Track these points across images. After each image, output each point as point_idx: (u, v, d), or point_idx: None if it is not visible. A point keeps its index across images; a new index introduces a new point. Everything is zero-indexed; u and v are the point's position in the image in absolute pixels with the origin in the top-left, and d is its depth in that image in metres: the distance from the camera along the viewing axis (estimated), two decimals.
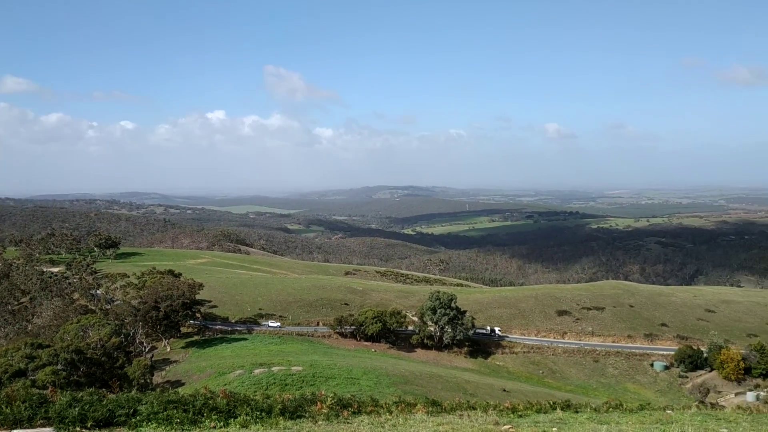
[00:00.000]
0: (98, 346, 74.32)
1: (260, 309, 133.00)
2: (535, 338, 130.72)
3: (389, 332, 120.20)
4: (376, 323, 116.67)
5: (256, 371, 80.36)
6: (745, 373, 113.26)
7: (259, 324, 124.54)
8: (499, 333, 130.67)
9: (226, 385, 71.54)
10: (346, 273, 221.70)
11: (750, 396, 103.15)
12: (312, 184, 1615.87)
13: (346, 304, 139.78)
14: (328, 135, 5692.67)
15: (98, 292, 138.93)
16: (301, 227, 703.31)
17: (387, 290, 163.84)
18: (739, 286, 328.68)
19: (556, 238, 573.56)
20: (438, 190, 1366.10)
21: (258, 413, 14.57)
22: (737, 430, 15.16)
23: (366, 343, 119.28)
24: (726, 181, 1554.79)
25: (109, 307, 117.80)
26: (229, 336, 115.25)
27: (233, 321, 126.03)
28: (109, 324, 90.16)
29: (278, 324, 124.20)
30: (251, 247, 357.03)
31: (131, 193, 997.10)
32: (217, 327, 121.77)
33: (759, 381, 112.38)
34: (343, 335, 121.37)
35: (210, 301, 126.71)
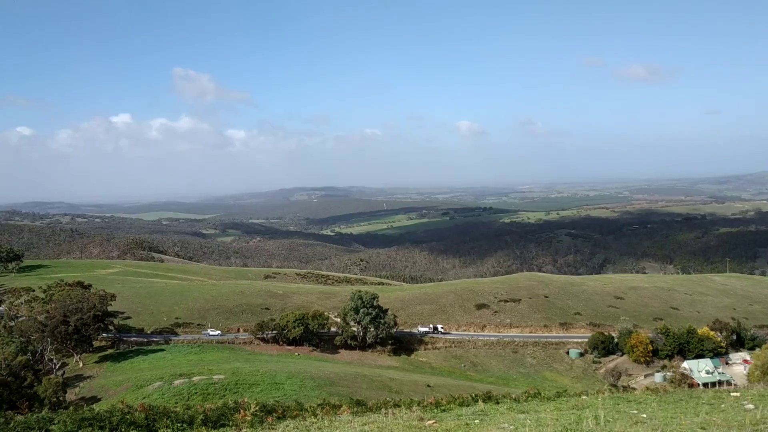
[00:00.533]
0: (2, 366, 70.10)
1: (177, 318, 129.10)
2: (456, 333, 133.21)
3: (312, 335, 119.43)
4: (298, 326, 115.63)
5: (176, 382, 77.98)
6: (653, 355, 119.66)
7: (176, 334, 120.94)
8: (442, 330, 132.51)
9: (144, 398, 69.11)
10: (266, 277, 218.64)
11: (658, 377, 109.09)
12: (227, 187, 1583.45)
13: (266, 308, 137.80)
14: (240, 137, 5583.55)
15: (0, 308, 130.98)
16: (217, 232, 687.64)
17: (308, 292, 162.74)
18: (644, 273, 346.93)
19: (472, 233, 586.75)
20: (355, 190, 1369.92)
21: (179, 425, 14.14)
22: (646, 411, 15.96)
23: (289, 347, 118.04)
24: (629, 173, 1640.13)
25: (13, 324, 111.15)
26: (145, 348, 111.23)
27: (149, 332, 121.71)
28: (13, 342, 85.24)
29: (218, 332, 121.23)
30: (165, 254, 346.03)
31: (34, 203, 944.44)
32: (133, 339, 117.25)
33: (665, 362, 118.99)
34: (265, 341, 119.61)
35: (123, 312, 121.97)
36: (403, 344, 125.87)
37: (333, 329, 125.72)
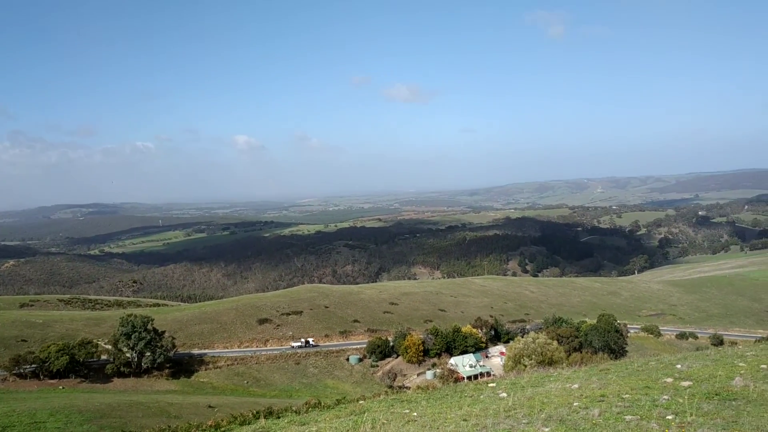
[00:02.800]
0: None
1: None
2: (238, 350, 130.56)
3: (79, 365, 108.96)
4: (62, 357, 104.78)
5: None
6: (425, 354, 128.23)
7: None
8: (312, 342, 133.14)
9: None
10: (22, 305, 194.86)
11: (429, 374, 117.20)
12: None
13: (23, 340, 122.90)
14: None
15: None
16: None
17: (73, 319, 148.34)
18: (415, 279, 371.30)
19: (254, 248, 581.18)
20: (127, 207, 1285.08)
21: None
22: (417, 409, 17.31)
23: (52, 381, 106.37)
24: (399, 187, 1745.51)
25: None
26: None
27: None
28: None
29: None
30: None
31: None
32: None
33: (435, 360, 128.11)
34: (22, 376, 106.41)
35: None
36: (183, 366, 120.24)
37: (104, 357, 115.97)
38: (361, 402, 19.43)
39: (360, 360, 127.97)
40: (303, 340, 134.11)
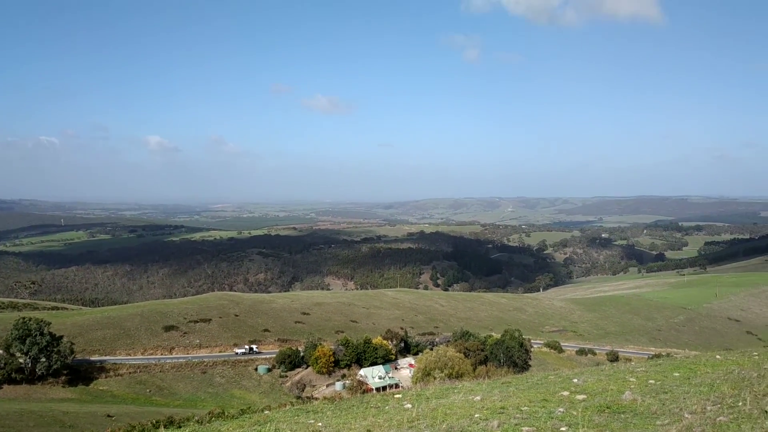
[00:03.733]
0: None
1: None
2: (141, 357, 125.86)
3: None
4: None
5: None
6: (335, 365, 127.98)
7: None
8: (256, 349, 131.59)
9: None
10: None
11: (338, 385, 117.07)
12: None
13: None
14: None
15: None
16: None
17: None
18: (329, 289, 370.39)
19: (162, 252, 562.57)
20: (26, 203, 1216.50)
21: None
22: (322, 420, 17.42)
23: None
24: (316, 196, 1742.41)
25: None
26: None
27: None
28: None
29: None
30: None
31: None
32: None
33: (345, 371, 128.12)
34: None
35: None
36: (82, 373, 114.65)
37: None
38: (266, 412, 19.34)
39: (269, 370, 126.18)
40: (247, 346, 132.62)
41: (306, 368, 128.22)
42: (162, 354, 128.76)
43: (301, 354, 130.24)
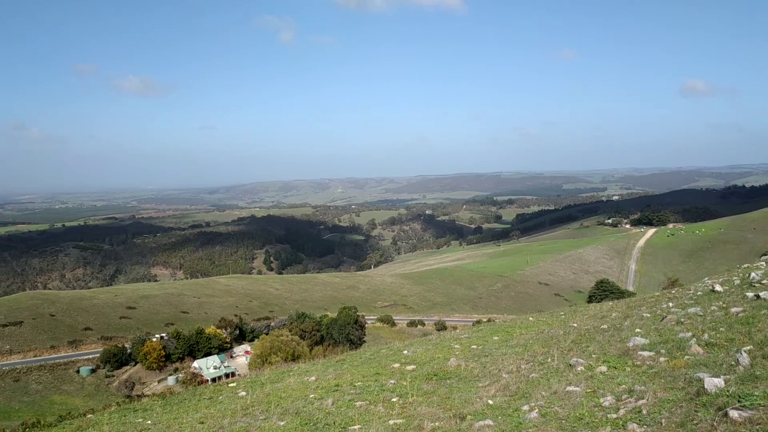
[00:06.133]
0: None
1: None
2: None
3: None
4: None
5: None
6: (166, 359, 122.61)
7: None
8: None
9: None
10: None
11: (171, 380, 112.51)
12: None
13: None
14: None
15: None
16: None
17: None
18: (156, 281, 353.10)
19: None
20: None
21: None
22: (151, 417, 16.74)
23: None
24: (138, 184, 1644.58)
25: None
26: None
27: None
28: None
29: None
30: None
31: None
32: None
33: (178, 364, 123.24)
34: None
35: None
36: None
37: None
38: (89, 416, 18.17)
39: (93, 371, 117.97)
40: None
41: (135, 365, 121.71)
42: None
43: (129, 351, 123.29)
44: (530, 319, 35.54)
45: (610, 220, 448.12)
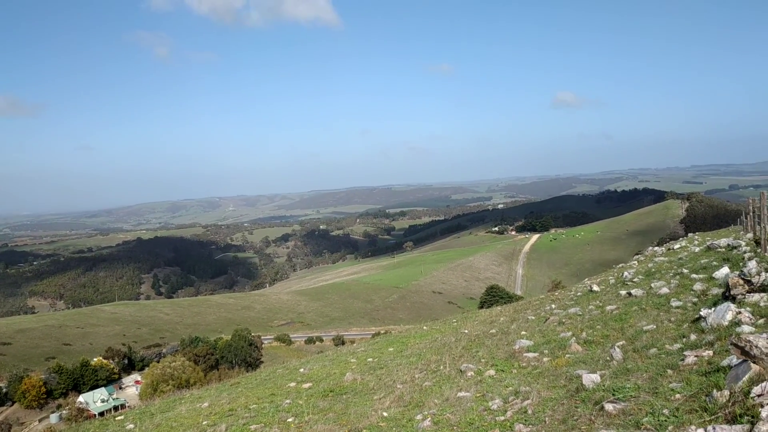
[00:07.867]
0: None
1: None
2: None
3: None
4: None
5: None
6: (48, 396, 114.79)
7: None
8: None
9: None
10: None
11: (53, 418, 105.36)
12: None
13: None
14: None
15: None
16: None
17: None
18: (34, 313, 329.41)
19: None
20: None
21: None
22: None
23: None
24: (9, 210, 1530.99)
25: None
26: None
27: None
28: None
29: None
30: None
31: None
32: None
33: (61, 401, 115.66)
34: None
35: None
36: None
37: None
38: None
39: None
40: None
41: (12, 405, 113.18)
42: None
43: (4, 390, 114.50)
44: (424, 328, 36.41)
45: (496, 228, 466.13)
